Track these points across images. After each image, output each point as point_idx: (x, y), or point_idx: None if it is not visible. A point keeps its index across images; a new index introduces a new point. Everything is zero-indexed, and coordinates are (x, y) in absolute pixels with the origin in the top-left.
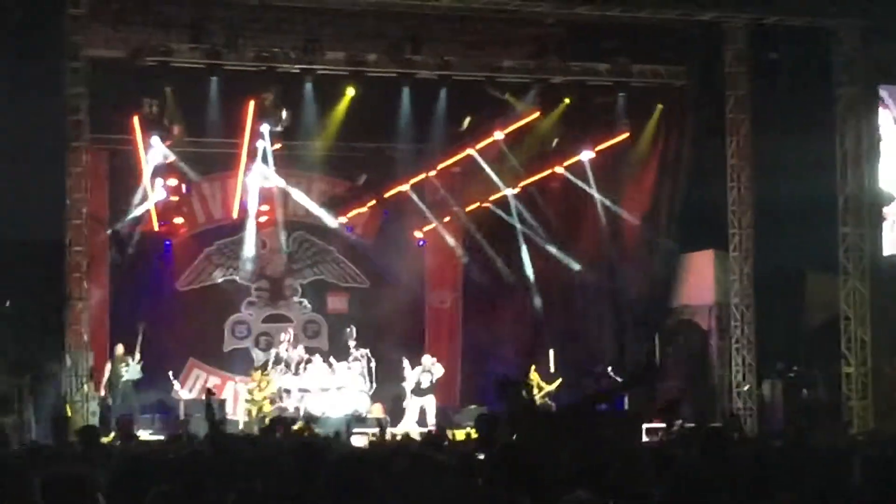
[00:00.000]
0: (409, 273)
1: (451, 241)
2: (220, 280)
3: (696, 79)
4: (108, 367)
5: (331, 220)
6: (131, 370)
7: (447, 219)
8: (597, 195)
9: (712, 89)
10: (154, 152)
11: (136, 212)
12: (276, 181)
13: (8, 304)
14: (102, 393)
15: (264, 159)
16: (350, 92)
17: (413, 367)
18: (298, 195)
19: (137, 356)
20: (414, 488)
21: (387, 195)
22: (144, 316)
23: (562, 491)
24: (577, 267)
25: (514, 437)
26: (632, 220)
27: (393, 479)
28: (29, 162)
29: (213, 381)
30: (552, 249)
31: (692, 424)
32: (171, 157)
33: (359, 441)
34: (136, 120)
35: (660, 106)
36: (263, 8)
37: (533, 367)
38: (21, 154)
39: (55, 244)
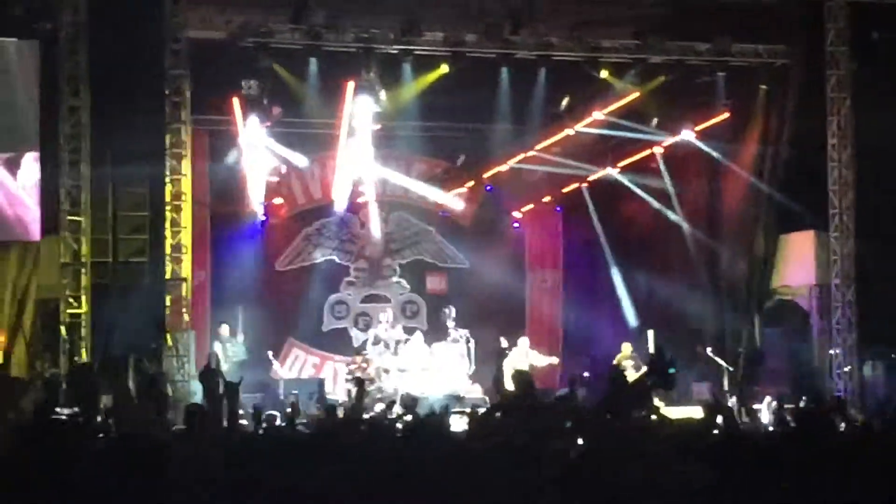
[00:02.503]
0: (509, 253)
1: (551, 220)
2: (318, 260)
3: (796, 58)
4: (219, 347)
5: (438, 196)
6: (238, 351)
7: (547, 198)
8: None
9: (813, 69)
10: (254, 133)
11: (236, 192)
12: (375, 161)
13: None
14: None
15: (363, 140)
16: (443, 69)
17: (511, 348)
18: (398, 176)
19: (242, 336)
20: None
21: (485, 175)
22: (244, 296)
23: None
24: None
25: None
26: (733, 202)
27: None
28: (130, 142)
29: (312, 361)
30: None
31: (793, 406)
32: (271, 138)
33: (457, 421)
34: (235, 101)
35: (763, 87)
36: None
37: (629, 346)
38: (123, 133)
39: (157, 225)
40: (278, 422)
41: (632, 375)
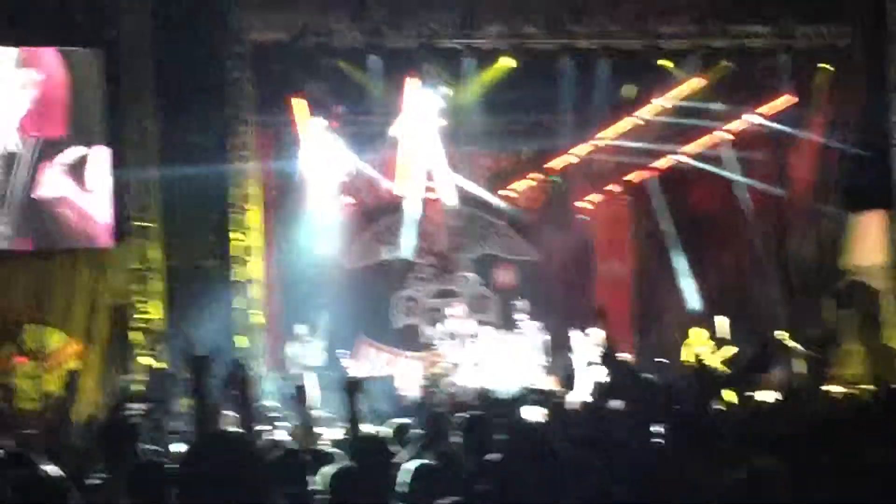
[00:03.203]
0: (578, 244)
1: (618, 210)
2: (387, 257)
3: (860, 38)
4: (296, 347)
5: (491, 198)
6: (314, 352)
7: (613, 188)
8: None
9: (878, 48)
10: (318, 132)
11: (302, 192)
12: (440, 157)
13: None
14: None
15: (428, 135)
16: (506, 62)
17: (584, 337)
18: (457, 177)
19: (320, 340)
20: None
21: (550, 167)
22: (314, 296)
23: None
24: None
25: None
26: (800, 183)
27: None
28: (195, 145)
29: (383, 358)
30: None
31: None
32: (336, 137)
33: (531, 412)
34: (298, 101)
35: (825, 68)
36: None
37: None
38: (188, 137)
39: (224, 227)
40: None
41: (711, 360)
